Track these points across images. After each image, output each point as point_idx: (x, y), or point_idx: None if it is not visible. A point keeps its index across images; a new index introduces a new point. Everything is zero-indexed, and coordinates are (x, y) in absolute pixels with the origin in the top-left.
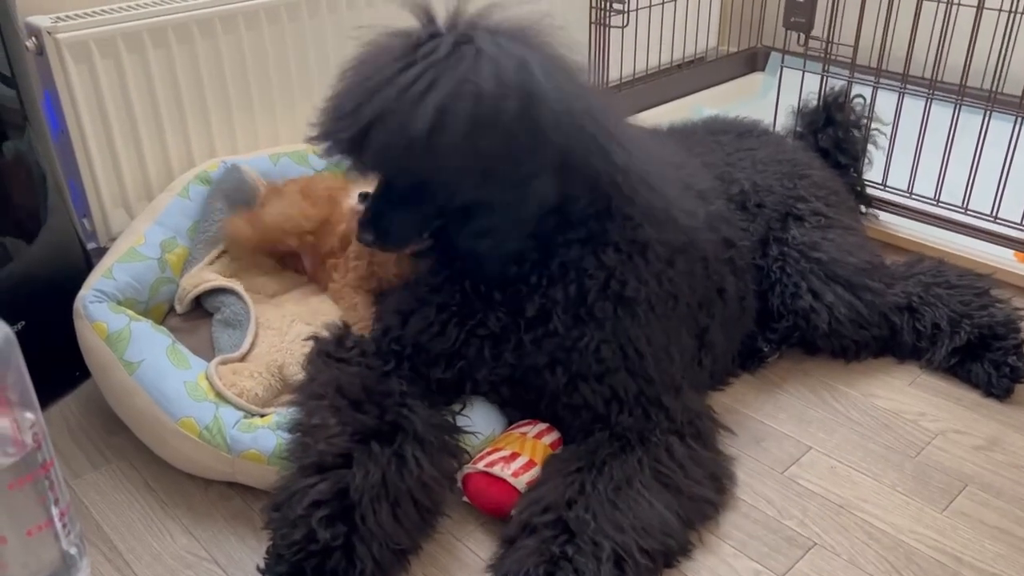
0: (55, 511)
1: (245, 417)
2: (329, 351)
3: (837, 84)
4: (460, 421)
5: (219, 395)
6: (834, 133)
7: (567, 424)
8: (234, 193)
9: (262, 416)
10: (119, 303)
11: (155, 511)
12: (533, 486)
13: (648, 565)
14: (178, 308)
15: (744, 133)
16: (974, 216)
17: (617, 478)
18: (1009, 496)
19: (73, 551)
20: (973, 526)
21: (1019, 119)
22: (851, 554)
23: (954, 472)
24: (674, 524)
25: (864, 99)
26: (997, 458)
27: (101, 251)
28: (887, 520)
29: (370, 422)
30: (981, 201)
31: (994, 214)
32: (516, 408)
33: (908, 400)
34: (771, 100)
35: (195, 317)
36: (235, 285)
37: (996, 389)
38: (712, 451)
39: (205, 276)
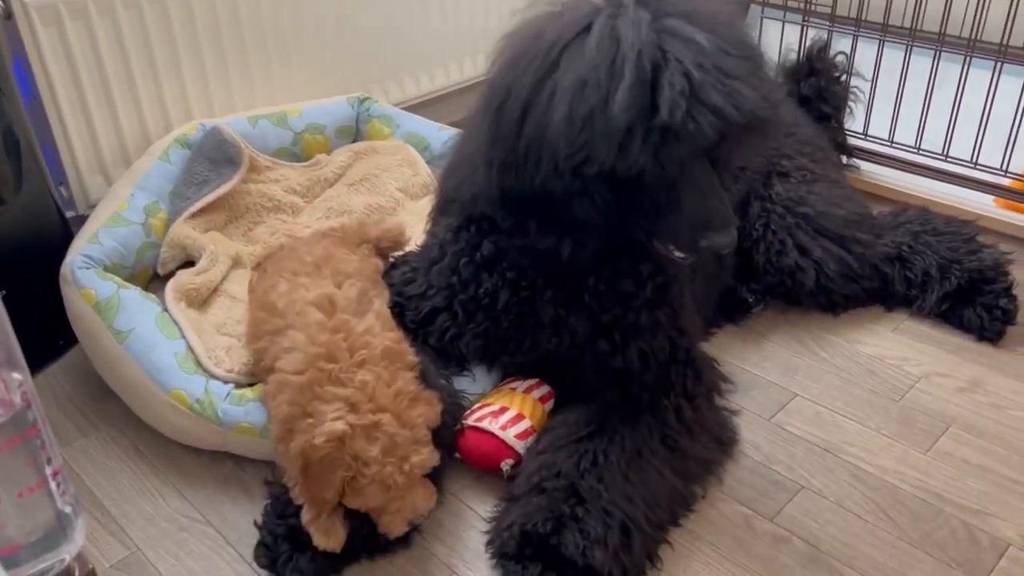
0: (48, 471)
1: (236, 388)
2: None
3: (818, 35)
4: (459, 383)
5: (205, 370)
6: (816, 82)
7: (581, 387)
8: (216, 154)
9: (250, 386)
10: (106, 269)
11: (147, 476)
12: (544, 449)
13: (654, 534)
14: (160, 271)
15: None
16: (955, 163)
17: (629, 448)
18: (991, 436)
19: (68, 510)
20: (956, 465)
21: (998, 65)
22: (838, 496)
23: (937, 414)
24: (682, 491)
25: (846, 54)
26: (979, 399)
27: (81, 219)
28: (872, 462)
29: None
30: (961, 149)
31: (974, 160)
32: (528, 375)
33: (891, 346)
34: None
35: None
36: (212, 244)
37: (989, 332)
38: (716, 409)
39: (187, 233)
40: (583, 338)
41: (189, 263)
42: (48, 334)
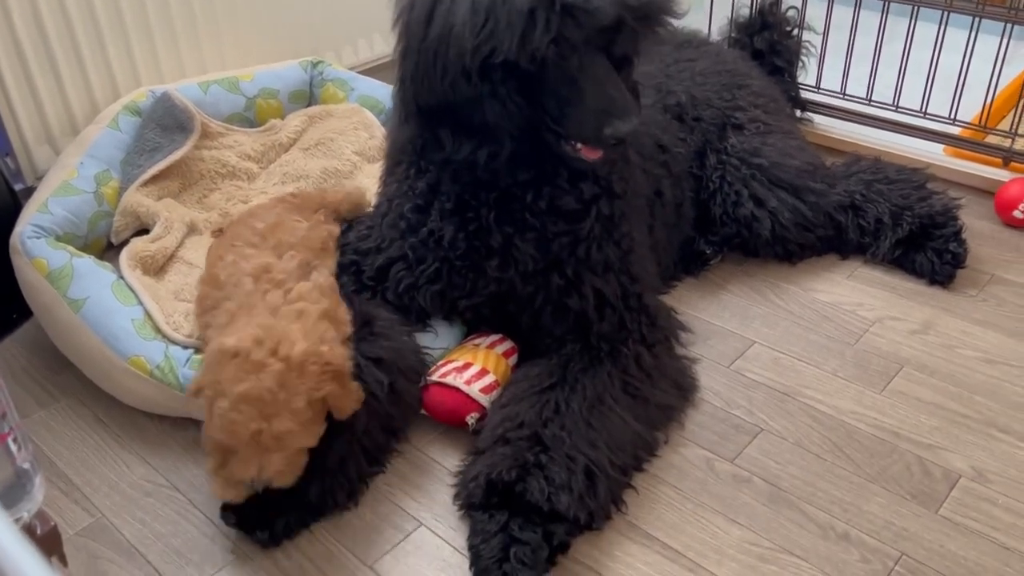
0: (5, 426)
1: (196, 353)
2: None
3: None
4: (422, 340)
5: (164, 335)
6: (769, 37)
7: (541, 338)
8: (168, 121)
9: None
10: (58, 238)
11: (109, 444)
12: (507, 402)
13: (619, 478)
14: (114, 240)
15: (683, 44)
16: (905, 113)
17: (590, 396)
18: (943, 374)
19: (26, 466)
20: (910, 404)
21: (944, 17)
22: (796, 437)
23: (891, 356)
24: (644, 436)
25: (797, 9)
26: (931, 340)
27: (29, 191)
28: (829, 403)
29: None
30: (911, 99)
31: (923, 110)
32: (488, 326)
33: (846, 292)
34: (705, 10)
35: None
36: (166, 211)
37: (940, 276)
38: (675, 356)
39: (140, 201)
40: (535, 270)
41: (143, 231)
42: (1, 308)
